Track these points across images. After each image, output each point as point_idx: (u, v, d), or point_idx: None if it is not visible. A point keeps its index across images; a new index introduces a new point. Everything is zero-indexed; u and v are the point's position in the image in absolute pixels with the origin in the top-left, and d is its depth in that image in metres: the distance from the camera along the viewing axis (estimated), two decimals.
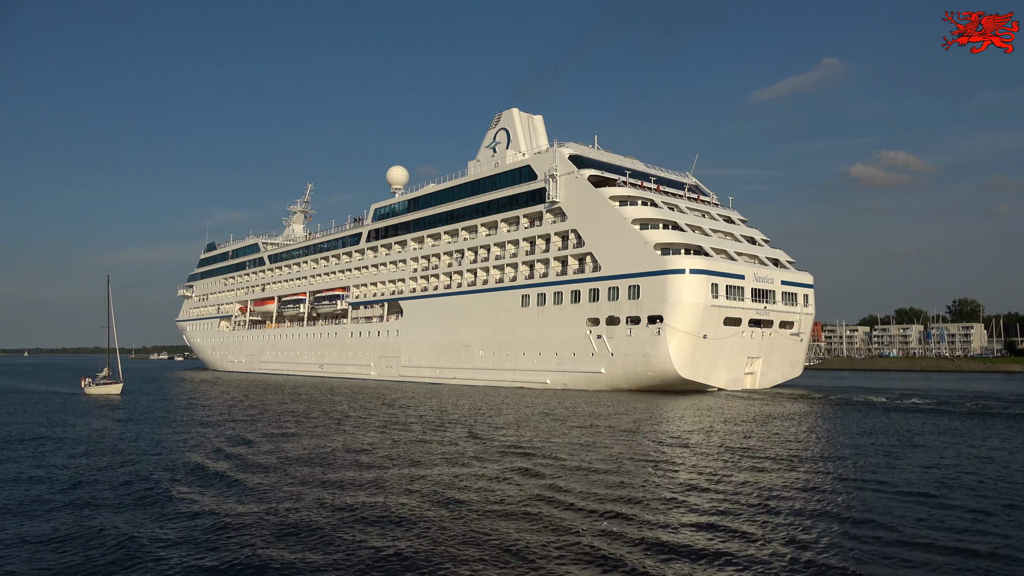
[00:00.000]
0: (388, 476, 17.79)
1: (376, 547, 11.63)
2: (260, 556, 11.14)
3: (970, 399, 44.00)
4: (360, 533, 12.41)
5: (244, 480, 17.36)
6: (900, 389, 56.78)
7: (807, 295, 55.30)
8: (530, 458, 20.27)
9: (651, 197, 53.70)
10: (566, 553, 11.32)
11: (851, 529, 12.66)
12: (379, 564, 10.83)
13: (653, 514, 13.82)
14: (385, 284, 74.14)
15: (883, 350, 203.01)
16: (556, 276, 55.39)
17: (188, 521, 13.35)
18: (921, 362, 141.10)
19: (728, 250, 51.89)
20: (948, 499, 15.00)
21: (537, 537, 12.15)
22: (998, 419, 32.17)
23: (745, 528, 12.71)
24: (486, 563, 10.87)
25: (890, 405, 39.68)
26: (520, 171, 59.88)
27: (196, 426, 29.76)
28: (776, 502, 14.70)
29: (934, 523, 13.10)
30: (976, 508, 14.27)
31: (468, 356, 61.58)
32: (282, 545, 11.76)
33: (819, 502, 14.70)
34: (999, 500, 15.02)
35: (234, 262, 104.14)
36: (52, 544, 11.98)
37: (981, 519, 13.38)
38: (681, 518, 13.50)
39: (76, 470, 18.99)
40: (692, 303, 46.89)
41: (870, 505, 14.45)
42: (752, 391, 49.71)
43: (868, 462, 19.72)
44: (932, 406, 38.84)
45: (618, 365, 49.74)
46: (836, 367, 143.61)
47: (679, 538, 12.10)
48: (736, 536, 12.23)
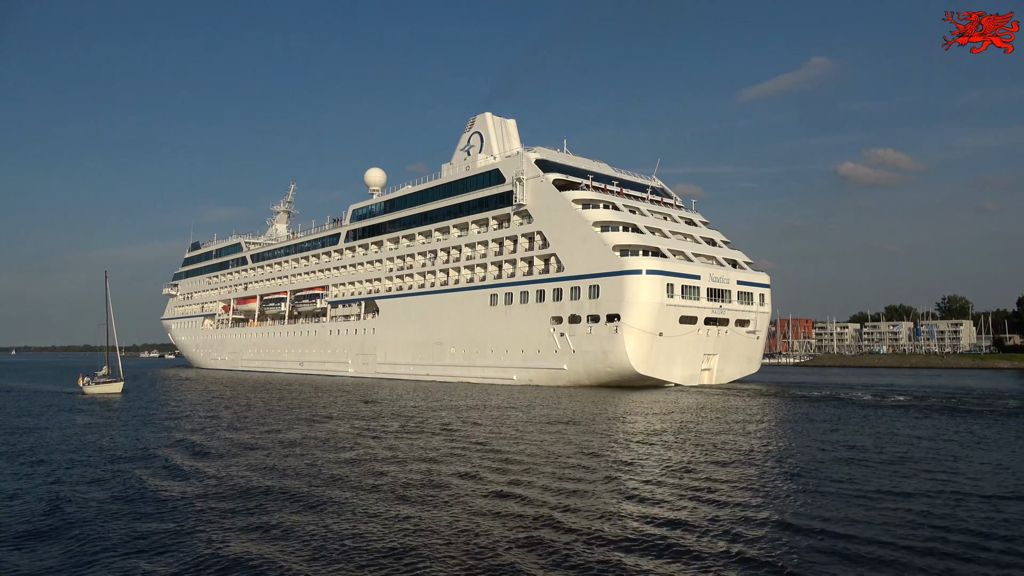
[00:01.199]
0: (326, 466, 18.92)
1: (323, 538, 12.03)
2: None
3: (946, 395, 46.17)
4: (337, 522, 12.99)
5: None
6: (870, 385, 59.69)
7: (763, 294, 58.22)
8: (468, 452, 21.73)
9: (613, 200, 56.53)
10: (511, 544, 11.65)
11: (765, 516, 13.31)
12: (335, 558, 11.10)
13: (584, 499, 14.74)
14: (362, 283, 76.90)
15: (873, 347, 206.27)
16: (523, 276, 58.21)
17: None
18: (911, 359, 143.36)
19: (685, 251, 54.78)
20: (857, 490, 15.55)
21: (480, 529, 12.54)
22: (968, 415, 32.66)
23: (674, 517, 13.34)
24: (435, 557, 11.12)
25: (831, 397, 42.71)
26: (489, 174, 62.68)
27: (218, 430, 27.35)
28: (699, 489, 15.62)
29: (841, 513, 13.66)
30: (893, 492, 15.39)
31: (440, 354, 64.37)
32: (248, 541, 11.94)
33: (741, 491, 15.55)
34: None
35: (217, 261, 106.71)
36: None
37: (902, 503, 14.34)
38: (610, 505, 14.20)
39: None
40: (648, 302, 49.73)
41: (797, 497, 15.03)
42: (708, 387, 52.65)
43: (791, 452, 21.10)
44: (874, 400, 41.85)
45: (579, 362, 52.58)
46: (826, 364, 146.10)
47: (617, 529, 12.52)
48: (668, 526, 12.72)
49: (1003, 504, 14.34)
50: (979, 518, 13.13)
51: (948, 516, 13.24)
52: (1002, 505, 14.26)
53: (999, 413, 33.66)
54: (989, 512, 13.63)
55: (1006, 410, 35.28)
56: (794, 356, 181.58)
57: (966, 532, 12.20)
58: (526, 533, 12.25)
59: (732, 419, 30.63)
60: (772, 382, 60.02)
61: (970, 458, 20.14)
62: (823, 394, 46.50)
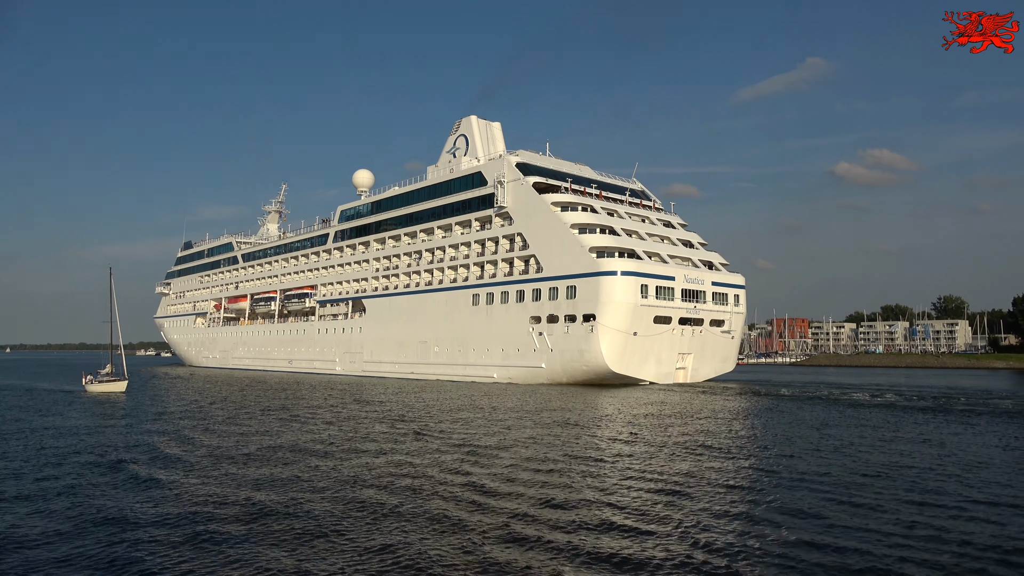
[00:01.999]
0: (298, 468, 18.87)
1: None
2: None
3: (935, 394, 47.24)
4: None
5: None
6: (862, 385, 61.56)
7: (738, 295, 60.08)
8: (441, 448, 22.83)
9: (591, 203, 58.39)
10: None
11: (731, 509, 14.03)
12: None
13: (551, 489, 15.74)
14: (350, 283, 78.76)
15: (869, 347, 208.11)
16: (503, 277, 60.06)
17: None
18: (906, 359, 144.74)
19: (661, 253, 56.64)
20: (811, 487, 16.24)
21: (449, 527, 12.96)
22: (949, 415, 33.30)
23: (638, 507, 14.13)
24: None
25: (799, 396, 44.62)
26: (472, 177, 64.55)
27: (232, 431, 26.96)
28: (657, 481, 16.61)
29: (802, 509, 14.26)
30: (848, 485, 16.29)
31: (424, 352, 66.26)
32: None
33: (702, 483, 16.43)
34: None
35: (209, 260, 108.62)
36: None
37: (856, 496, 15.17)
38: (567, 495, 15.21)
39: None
40: (622, 303, 51.58)
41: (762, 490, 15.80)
42: (683, 385, 54.52)
43: (755, 448, 22.23)
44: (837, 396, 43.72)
45: (557, 360, 54.44)
46: (823, 363, 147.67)
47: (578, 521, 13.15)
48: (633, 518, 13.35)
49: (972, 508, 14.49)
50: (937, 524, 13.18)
51: (906, 522, 13.28)
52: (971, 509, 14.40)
53: (990, 414, 33.79)
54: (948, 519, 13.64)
55: (997, 410, 35.50)
56: (790, 356, 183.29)
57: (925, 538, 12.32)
58: (498, 530, 12.62)
59: (699, 416, 32.53)
60: (751, 380, 61.94)
61: (949, 458, 20.41)
62: (792, 393, 48.41)
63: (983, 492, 15.84)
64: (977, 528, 12.83)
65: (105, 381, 50.60)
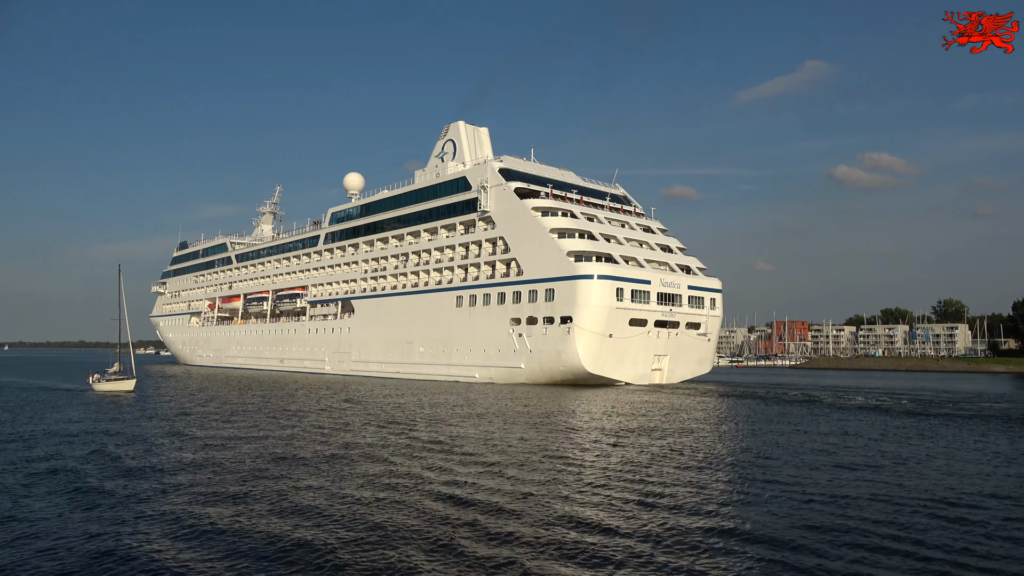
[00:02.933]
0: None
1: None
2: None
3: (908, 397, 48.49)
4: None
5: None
6: (859, 388, 63.66)
7: (714, 299, 62.19)
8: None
9: (571, 208, 60.57)
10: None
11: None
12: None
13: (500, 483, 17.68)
14: (339, 284, 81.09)
15: (869, 350, 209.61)
16: (486, 279, 62.26)
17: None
18: (906, 362, 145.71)
19: (638, 257, 58.77)
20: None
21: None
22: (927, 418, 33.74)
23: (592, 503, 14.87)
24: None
25: (769, 397, 46.75)
26: (457, 182, 66.82)
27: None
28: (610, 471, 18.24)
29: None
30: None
31: (410, 352, 68.51)
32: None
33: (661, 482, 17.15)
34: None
35: (204, 260, 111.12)
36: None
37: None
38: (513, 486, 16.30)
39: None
40: (598, 305, 53.74)
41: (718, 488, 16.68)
42: (659, 386, 56.63)
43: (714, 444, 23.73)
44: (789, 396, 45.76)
45: (535, 361, 56.64)
46: (822, 366, 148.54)
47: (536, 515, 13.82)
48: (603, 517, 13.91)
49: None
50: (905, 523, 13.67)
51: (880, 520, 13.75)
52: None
53: (980, 417, 34.17)
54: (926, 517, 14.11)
55: (989, 414, 35.79)
56: (790, 358, 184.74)
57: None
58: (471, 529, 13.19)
59: (661, 416, 34.72)
60: (728, 382, 64.06)
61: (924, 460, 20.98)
62: (767, 394, 50.55)
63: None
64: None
65: (113, 380, 49.96)
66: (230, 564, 11.25)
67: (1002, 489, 16.93)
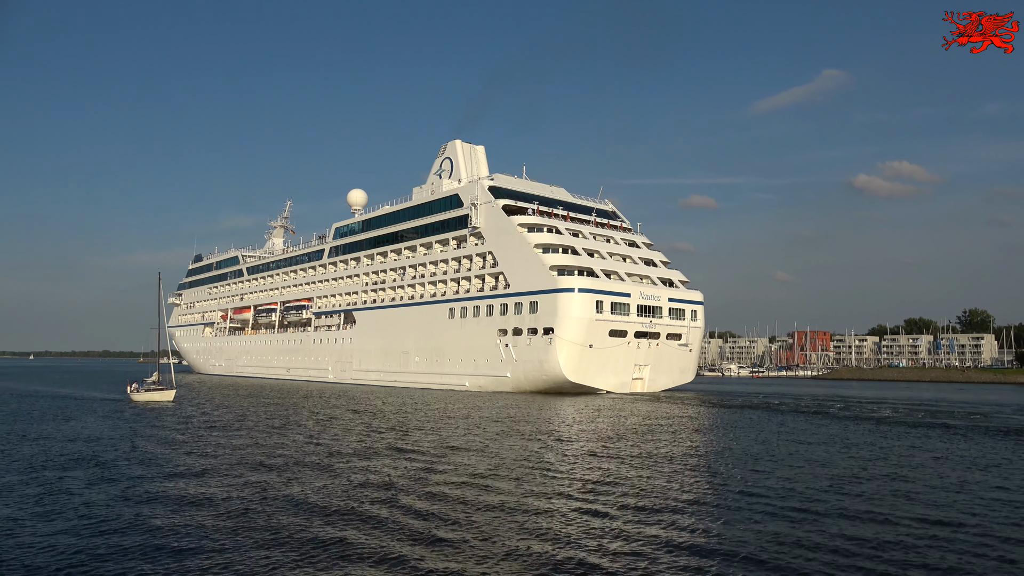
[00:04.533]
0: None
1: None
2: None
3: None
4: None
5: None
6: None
7: (695, 311, 65.66)
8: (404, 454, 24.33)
9: (556, 224, 64.59)
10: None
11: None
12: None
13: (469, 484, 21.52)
14: (342, 296, 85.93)
15: (892, 360, 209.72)
16: (476, 292, 66.46)
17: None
18: (930, 372, 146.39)
19: (619, 271, 62.52)
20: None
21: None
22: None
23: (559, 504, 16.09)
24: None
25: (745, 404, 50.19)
26: (450, 199, 71.29)
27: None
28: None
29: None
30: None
31: (406, 362, 72.87)
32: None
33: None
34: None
35: (217, 273, 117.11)
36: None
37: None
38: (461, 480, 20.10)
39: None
40: (578, 317, 57.56)
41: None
42: (639, 394, 60.19)
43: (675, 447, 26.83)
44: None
45: (520, 370, 60.57)
46: (844, 377, 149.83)
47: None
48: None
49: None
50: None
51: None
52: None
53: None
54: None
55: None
56: (811, 369, 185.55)
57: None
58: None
59: (627, 422, 38.54)
60: (707, 391, 67.35)
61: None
62: (750, 402, 53.94)
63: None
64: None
65: (152, 390, 49.25)
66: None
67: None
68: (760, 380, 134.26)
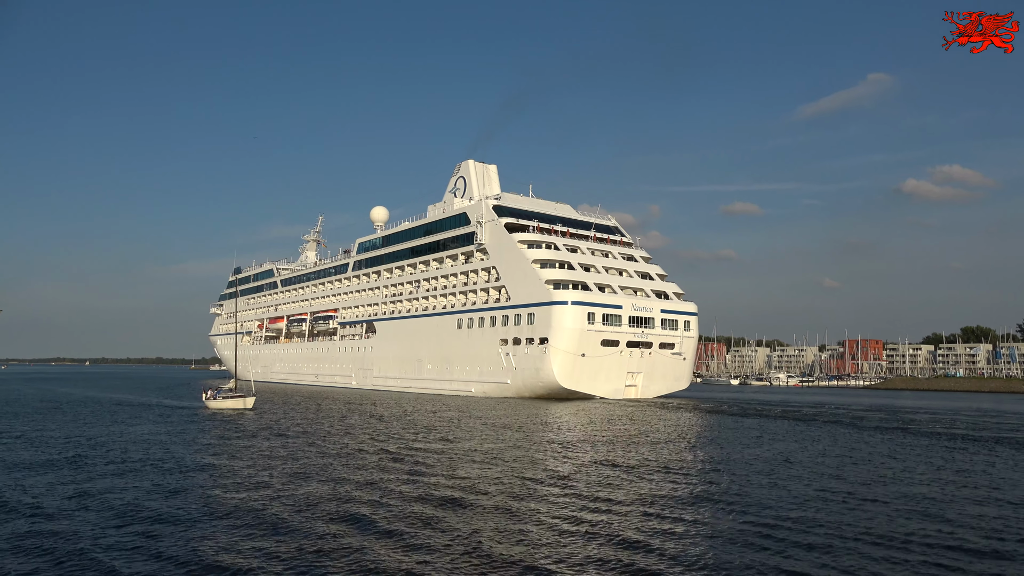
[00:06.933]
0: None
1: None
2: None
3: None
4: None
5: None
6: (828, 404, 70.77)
7: (688, 321, 70.67)
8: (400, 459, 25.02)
9: (554, 240, 70.60)
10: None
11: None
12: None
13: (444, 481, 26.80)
14: (364, 307, 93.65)
15: (948, 370, 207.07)
16: (481, 304, 72.94)
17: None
18: (990, 383, 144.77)
19: (612, 284, 68.06)
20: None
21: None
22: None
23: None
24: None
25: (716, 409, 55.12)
26: (458, 217, 78.13)
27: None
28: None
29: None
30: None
31: (420, 369, 79.79)
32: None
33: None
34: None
35: (254, 285, 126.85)
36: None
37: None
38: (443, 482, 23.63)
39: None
40: (571, 328, 63.37)
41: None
42: (631, 400, 65.44)
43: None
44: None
45: (519, 377, 66.66)
46: (899, 387, 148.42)
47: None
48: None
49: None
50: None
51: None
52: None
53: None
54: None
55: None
56: (863, 378, 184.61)
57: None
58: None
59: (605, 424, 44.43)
60: (700, 398, 71.89)
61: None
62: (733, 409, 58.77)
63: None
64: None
65: (229, 397, 49.96)
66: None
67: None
68: (810, 389, 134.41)
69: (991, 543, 14.09)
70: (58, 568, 12.36)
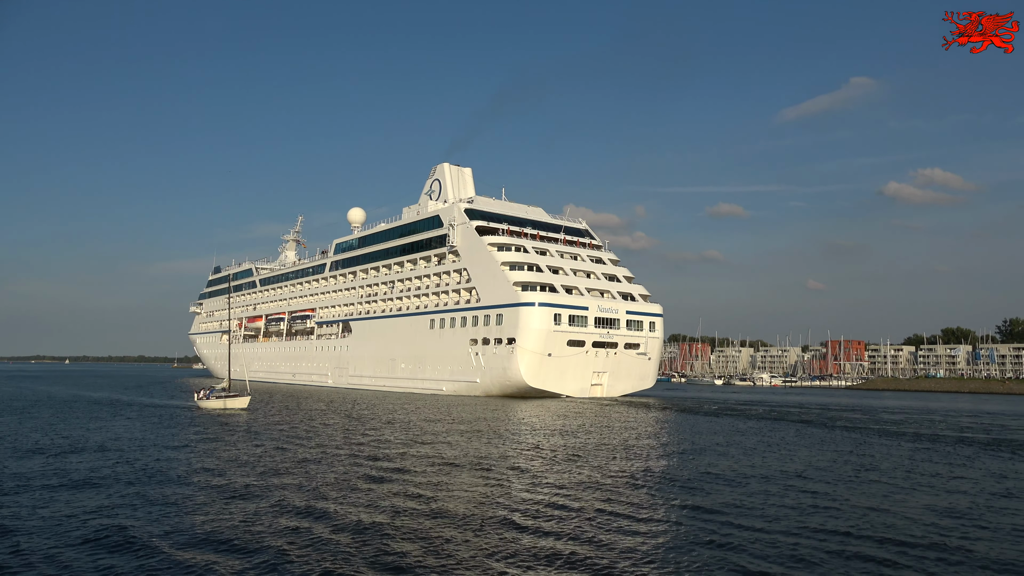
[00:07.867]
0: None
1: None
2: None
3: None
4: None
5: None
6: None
7: (654, 322, 73.28)
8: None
9: (523, 243, 72.97)
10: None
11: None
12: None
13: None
14: (341, 307, 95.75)
15: (929, 370, 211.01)
16: (452, 305, 75.22)
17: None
18: (969, 384, 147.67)
19: (579, 286, 70.57)
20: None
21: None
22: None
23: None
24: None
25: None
26: (431, 220, 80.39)
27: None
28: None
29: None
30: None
31: (394, 368, 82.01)
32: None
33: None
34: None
35: (233, 284, 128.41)
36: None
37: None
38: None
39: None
40: (537, 329, 65.77)
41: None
42: (598, 399, 67.91)
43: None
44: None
45: (488, 376, 69.01)
46: (880, 387, 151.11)
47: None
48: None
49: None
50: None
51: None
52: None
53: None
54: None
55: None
56: (845, 379, 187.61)
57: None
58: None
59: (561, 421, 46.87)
60: (663, 396, 74.56)
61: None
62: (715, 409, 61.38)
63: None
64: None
65: (223, 397, 49.34)
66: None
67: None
68: (793, 389, 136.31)
69: (933, 539, 14.98)
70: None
